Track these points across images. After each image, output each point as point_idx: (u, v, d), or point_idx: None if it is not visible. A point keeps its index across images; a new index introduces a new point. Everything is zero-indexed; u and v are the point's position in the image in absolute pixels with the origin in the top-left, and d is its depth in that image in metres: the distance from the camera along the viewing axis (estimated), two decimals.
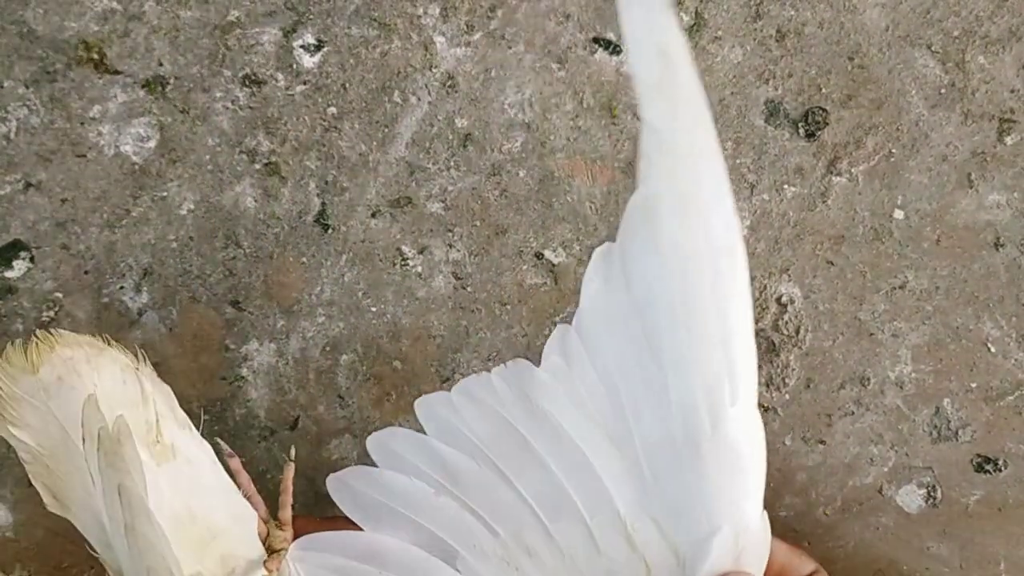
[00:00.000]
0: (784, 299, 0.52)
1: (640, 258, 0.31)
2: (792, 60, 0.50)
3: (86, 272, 0.50)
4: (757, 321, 0.51)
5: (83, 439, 0.30)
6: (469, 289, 0.51)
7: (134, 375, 0.33)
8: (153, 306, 0.50)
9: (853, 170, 0.51)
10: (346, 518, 0.36)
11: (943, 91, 0.50)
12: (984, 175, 0.51)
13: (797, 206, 0.51)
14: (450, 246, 0.51)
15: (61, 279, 0.50)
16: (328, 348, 0.51)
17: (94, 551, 0.31)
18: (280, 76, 0.50)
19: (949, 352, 0.52)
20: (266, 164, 0.50)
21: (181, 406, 0.51)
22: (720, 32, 0.50)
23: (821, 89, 0.51)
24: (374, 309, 0.51)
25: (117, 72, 0.49)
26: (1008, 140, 0.51)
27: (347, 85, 0.50)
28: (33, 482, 0.32)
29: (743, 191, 0.51)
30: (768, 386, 0.52)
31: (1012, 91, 0.50)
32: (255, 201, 0.50)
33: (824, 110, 0.51)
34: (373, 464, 0.37)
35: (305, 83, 0.50)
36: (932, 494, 0.53)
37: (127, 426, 0.29)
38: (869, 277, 0.51)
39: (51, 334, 0.33)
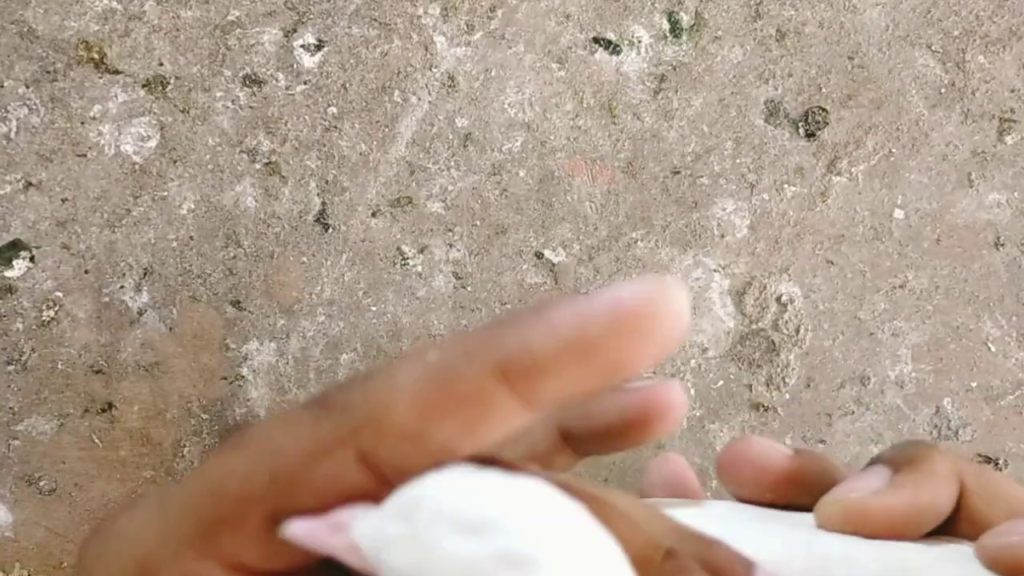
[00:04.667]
0: (784, 299, 0.52)
1: None
2: (792, 60, 0.50)
3: (86, 271, 0.50)
4: (757, 321, 0.52)
5: None
6: (469, 289, 0.51)
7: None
8: (153, 305, 0.50)
9: (853, 170, 0.51)
10: None
11: (943, 91, 0.50)
12: (984, 175, 0.51)
13: (797, 206, 0.51)
14: (450, 246, 0.51)
15: (61, 279, 0.50)
16: (328, 347, 0.51)
17: None
18: (280, 76, 0.50)
19: (949, 352, 0.52)
20: (266, 164, 0.50)
21: (182, 405, 0.51)
22: (720, 32, 0.50)
23: (821, 89, 0.51)
24: (374, 308, 0.51)
25: (117, 72, 0.49)
26: (1008, 140, 0.51)
27: (347, 85, 0.50)
28: None
29: (743, 191, 0.51)
30: (768, 386, 0.52)
31: (1012, 91, 0.50)
32: (255, 201, 0.50)
33: (824, 110, 0.51)
34: None
35: (305, 83, 0.50)
36: None
37: None
38: (869, 277, 0.51)
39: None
